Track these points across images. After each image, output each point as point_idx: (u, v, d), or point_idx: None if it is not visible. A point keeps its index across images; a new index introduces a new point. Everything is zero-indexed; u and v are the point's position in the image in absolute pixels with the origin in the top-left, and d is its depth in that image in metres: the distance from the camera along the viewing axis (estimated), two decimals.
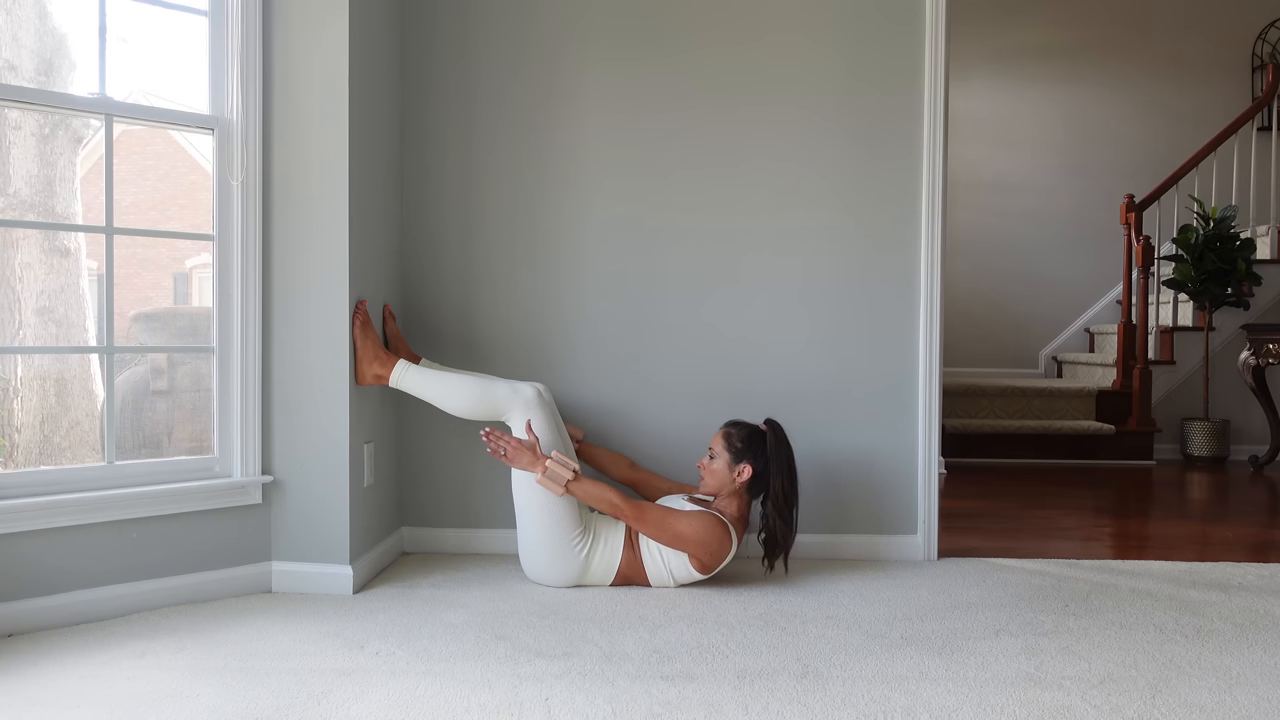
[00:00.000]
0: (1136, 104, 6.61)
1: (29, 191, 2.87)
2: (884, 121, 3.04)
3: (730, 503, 2.71)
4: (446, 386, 2.74)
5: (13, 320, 2.84)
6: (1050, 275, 6.68)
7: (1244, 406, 5.65)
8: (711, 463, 2.73)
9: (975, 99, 6.66)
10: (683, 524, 2.61)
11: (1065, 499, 4.28)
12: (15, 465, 2.84)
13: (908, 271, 3.05)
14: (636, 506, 2.62)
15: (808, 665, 2.12)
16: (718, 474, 2.71)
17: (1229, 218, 5.33)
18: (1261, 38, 6.58)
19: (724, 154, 3.07)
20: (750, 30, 3.05)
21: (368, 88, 2.76)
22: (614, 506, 2.61)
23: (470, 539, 3.10)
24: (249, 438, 2.62)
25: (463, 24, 3.08)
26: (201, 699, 1.91)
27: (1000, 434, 5.41)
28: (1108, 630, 2.37)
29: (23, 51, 2.76)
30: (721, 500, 2.72)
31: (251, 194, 2.61)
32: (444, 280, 3.11)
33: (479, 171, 3.10)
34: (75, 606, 2.37)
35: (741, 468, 2.69)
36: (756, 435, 2.72)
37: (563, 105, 3.08)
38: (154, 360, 3.06)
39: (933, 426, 3.06)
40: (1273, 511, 4.06)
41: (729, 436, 2.73)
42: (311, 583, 2.64)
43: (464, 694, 1.94)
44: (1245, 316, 5.63)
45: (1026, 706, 1.90)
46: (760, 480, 2.70)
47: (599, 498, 2.62)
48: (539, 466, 2.61)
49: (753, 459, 2.69)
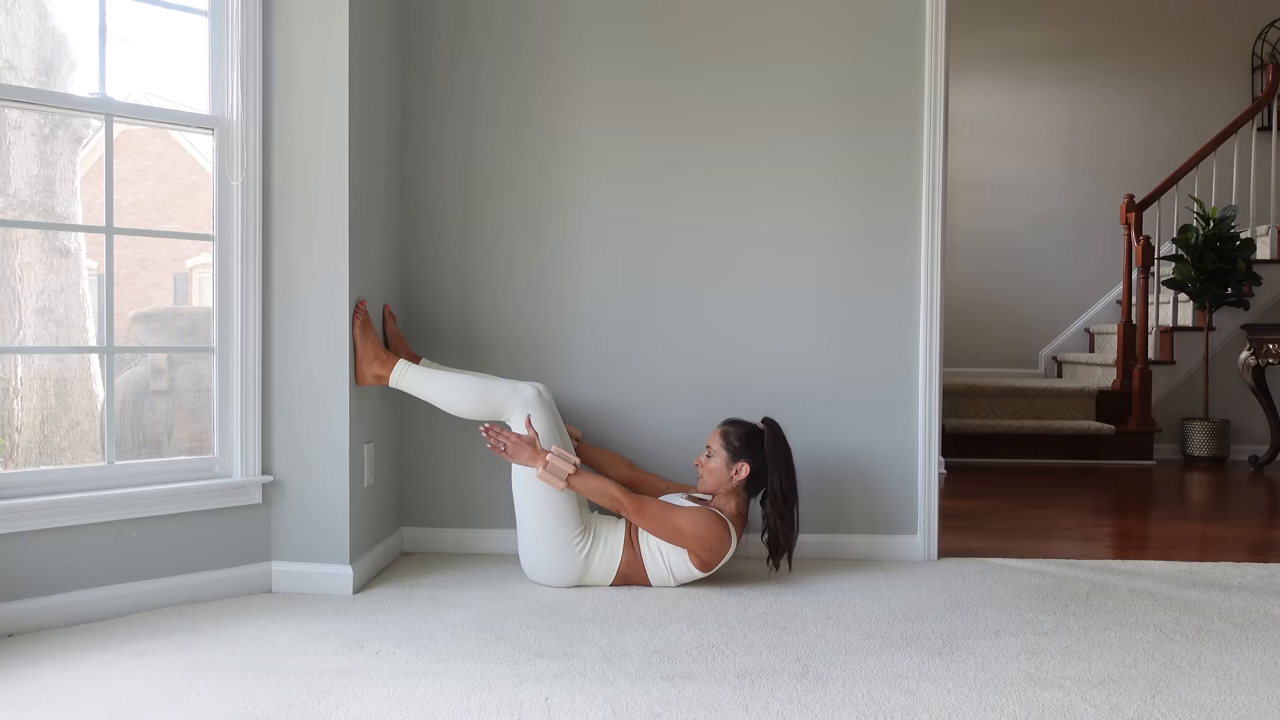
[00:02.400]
0: (1137, 104, 6.61)
1: (29, 191, 2.88)
2: (884, 121, 3.04)
3: (729, 501, 2.72)
4: (446, 386, 2.74)
5: (13, 320, 2.84)
6: (1050, 275, 6.68)
7: (1244, 406, 5.65)
8: (709, 461, 2.73)
9: (975, 99, 6.66)
10: (682, 519, 2.61)
11: (1065, 499, 4.28)
12: (15, 465, 2.85)
13: (908, 271, 3.05)
14: (637, 500, 2.63)
15: (808, 665, 2.12)
16: (715, 472, 2.72)
17: (1229, 218, 5.33)
18: (1261, 38, 6.58)
19: (723, 154, 3.07)
20: (750, 30, 3.05)
21: (368, 87, 2.76)
22: (614, 500, 2.62)
23: (470, 539, 3.10)
24: (249, 438, 2.62)
25: (463, 24, 3.08)
26: (201, 699, 1.91)
27: (1000, 434, 5.41)
28: (1108, 630, 2.37)
29: (23, 51, 2.76)
30: (720, 498, 2.73)
31: (251, 194, 2.61)
32: (444, 280, 3.11)
33: (479, 171, 3.10)
34: (75, 606, 2.36)
35: (739, 466, 2.69)
36: (754, 434, 2.73)
37: (562, 103, 3.08)
38: (154, 360, 3.06)
39: (933, 426, 3.06)
40: (1273, 511, 4.06)
41: (726, 435, 2.73)
42: (311, 583, 2.64)
43: (464, 694, 1.94)
44: (1245, 316, 5.62)
45: (1026, 706, 1.90)
46: (758, 478, 2.70)
47: (599, 491, 2.62)
48: (539, 461, 2.62)
49: (750, 457, 2.69)
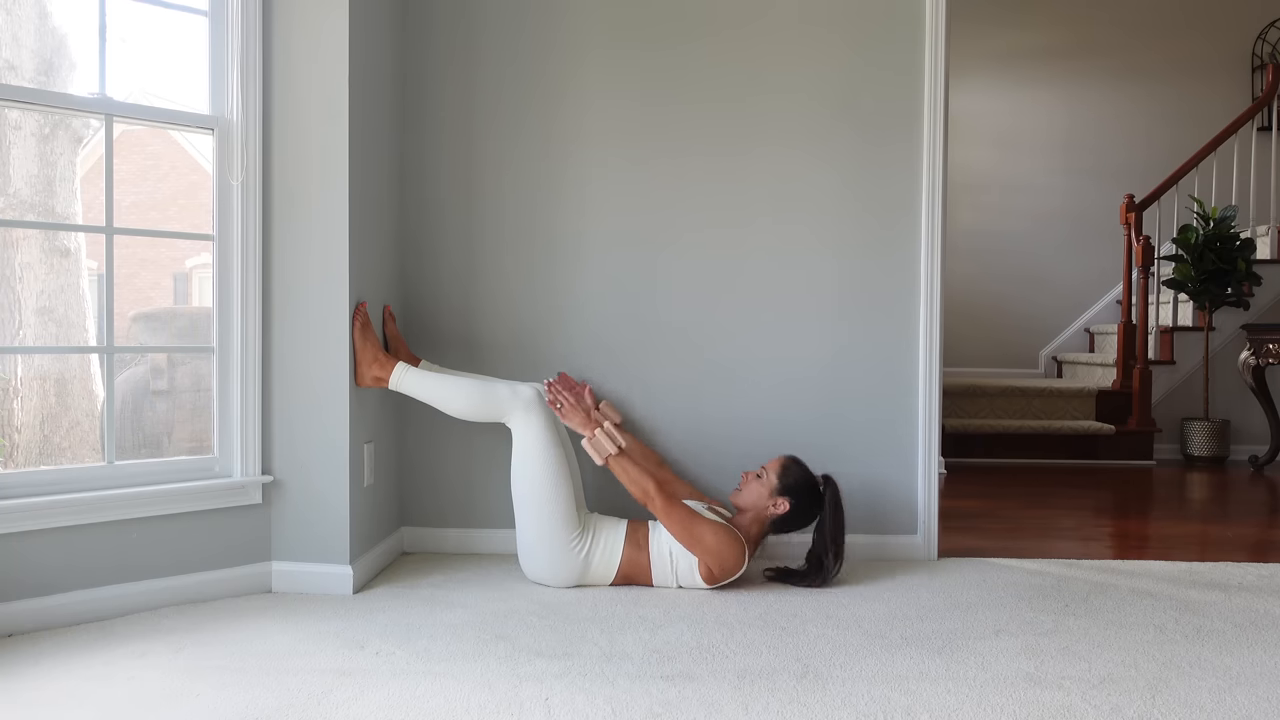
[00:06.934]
0: (1137, 104, 6.61)
1: (29, 191, 2.88)
2: (884, 122, 3.04)
3: (752, 526, 2.73)
4: (446, 388, 2.74)
5: (13, 320, 2.84)
6: (1050, 275, 6.68)
7: (1244, 406, 5.65)
8: (757, 480, 2.74)
9: (975, 99, 6.66)
10: (707, 531, 2.62)
11: (1065, 499, 4.27)
12: (15, 465, 2.85)
13: (908, 271, 3.05)
14: (668, 500, 2.63)
15: (808, 665, 2.12)
16: (757, 493, 2.73)
17: (1229, 218, 5.33)
18: (1261, 38, 6.58)
19: (723, 154, 3.06)
20: (751, 29, 3.05)
21: (368, 87, 2.76)
22: (645, 494, 2.62)
23: (470, 539, 3.10)
24: (249, 438, 2.62)
25: (463, 23, 3.08)
26: (201, 699, 1.91)
27: (1000, 434, 5.41)
28: (1108, 630, 2.37)
29: (23, 51, 2.76)
30: (745, 519, 2.74)
31: (251, 194, 2.61)
32: (444, 281, 3.11)
33: (479, 171, 3.10)
34: (75, 606, 2.36)
35: (780, 500, 2.71)
36: (809, 482, 2.74)
37: (562, 104, 3.08)
38: (154, 360, 3.07)
39: (933, 426, 3.06)
40: (1273, 511, 4.06)
41: (786, 469, 2.74)
42: (311, 583, 2.64)
43: (464, 694, 1.94)
44: (1245, 316, 5.62)
45: (1026, 706, 1.90)
46: (788, 521, 2.73)
47: (635, 481, 2.63)
48: (590, 429, 2.66)
49: (794, 499, 2.71)
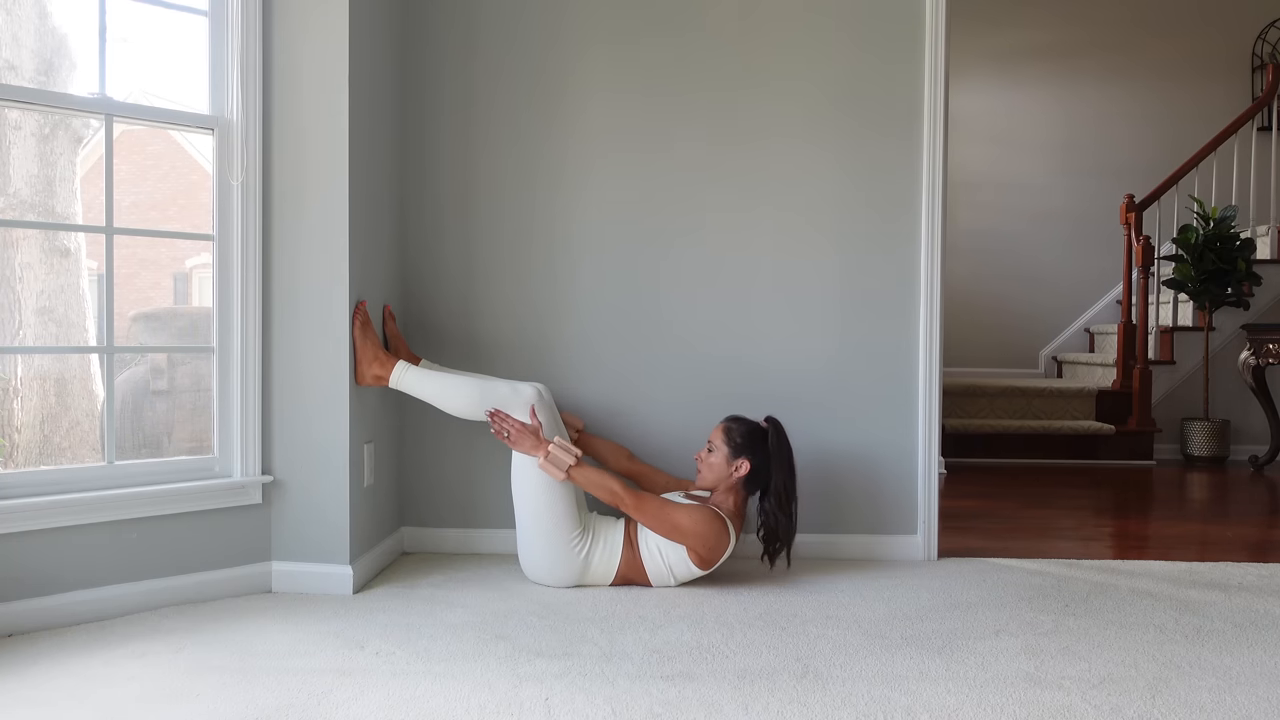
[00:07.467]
0: (1136, 104, 6.61)
1: (29, 191, 2.88)
2: (884, 121, 3.04)
3: (727, 498, 2.72)
4: (446, 387, 2.74)
5: (13, 320, 2.84)
6: (1050, 275, 6.68)
7: (1244, 406, 5.65)
8: (710, 456, 2.73)
9: (975, 98, 6.66)
10: (681, 516, 2.62)
11: (1065, 499, 4.27)
12: (15, 465, 2.85)
13: (908, 271, 3.05)
14: (636, 496, 2.63)
15: (808, 665, 2.12)
16: (715, 467, 2.72)
17: (1229, 218, 5.33)
18: (1261, 38, 6.58)
19: (723, 154, 3.06)
20: (751, 29, 3.05)
21: (368, 87, 2.76)
22: (614, 495, 2.62)
23: (470, 539, 3.10)
24: (249, 438, 2.62)
25: (463, 23, 3.08)
26: (202, 699, 1.91)
27: (1000, 434, 5.41)
28: (1108, 630, 2.37)
29: (23, 51, 2.76)
30: (719, 495, 2.73)
31: (251, 194, 2.61)
32: (444, 280, 3.11)
33: (479, 171, 3.10)
34: (75, 606, 2.36)
35: (739, 462, 2.70)
36: (756, 431, 2.73)
37: (563, 100, 3.08)
38: (154, 360, 3.07)
39: (933, 426, 3.06)
40: (1273, 511, 4.06)
41: (729, 431, 2.74)
42: (311, 583, 2.64)
43: (464, 694, 1.94)
44: (1245, 316, 5.62)
45: (1026, 706, 1.90)
46: (757, 476, 2.71)
47: (599, 485, 2.62)
48: (541, 450, 2.62)
49: (751, 454, 2.70)
